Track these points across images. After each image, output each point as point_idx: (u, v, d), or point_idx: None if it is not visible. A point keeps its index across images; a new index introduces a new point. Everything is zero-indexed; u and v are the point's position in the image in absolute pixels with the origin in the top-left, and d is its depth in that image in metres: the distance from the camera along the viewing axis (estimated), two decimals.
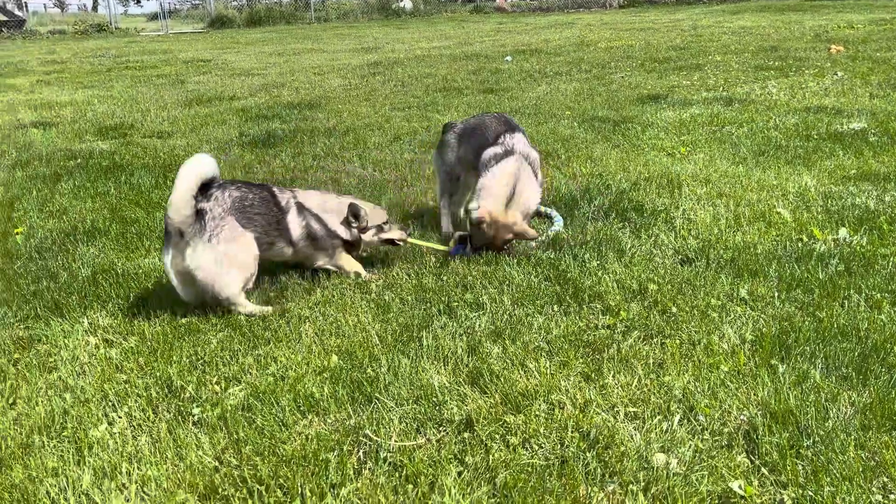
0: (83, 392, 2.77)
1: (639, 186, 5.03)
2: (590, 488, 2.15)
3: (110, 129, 8.32)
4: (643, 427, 2.41)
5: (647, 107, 8.12)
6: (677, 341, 2.93)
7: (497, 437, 2.39)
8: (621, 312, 3.19)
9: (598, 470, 2.21)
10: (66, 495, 2.20)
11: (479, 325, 3.17)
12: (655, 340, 2.97)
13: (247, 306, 3.46)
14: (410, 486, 2.17)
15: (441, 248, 4.12)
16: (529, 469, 2.23)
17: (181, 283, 3.32)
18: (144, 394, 2.74)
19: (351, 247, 3.87)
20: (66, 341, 3.19)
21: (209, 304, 3.41)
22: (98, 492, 2.21)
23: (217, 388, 2.78)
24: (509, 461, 2.26)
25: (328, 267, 3.83)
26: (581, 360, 2.84)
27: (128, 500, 2.18)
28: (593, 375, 2.73)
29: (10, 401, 2.73)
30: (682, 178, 5.16)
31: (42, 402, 2.69)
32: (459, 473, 2.23)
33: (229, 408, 2.61)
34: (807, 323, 3.02)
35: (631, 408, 2.52)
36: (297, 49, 18.42)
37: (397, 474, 2.23)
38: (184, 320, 3.35)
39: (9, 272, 3.98)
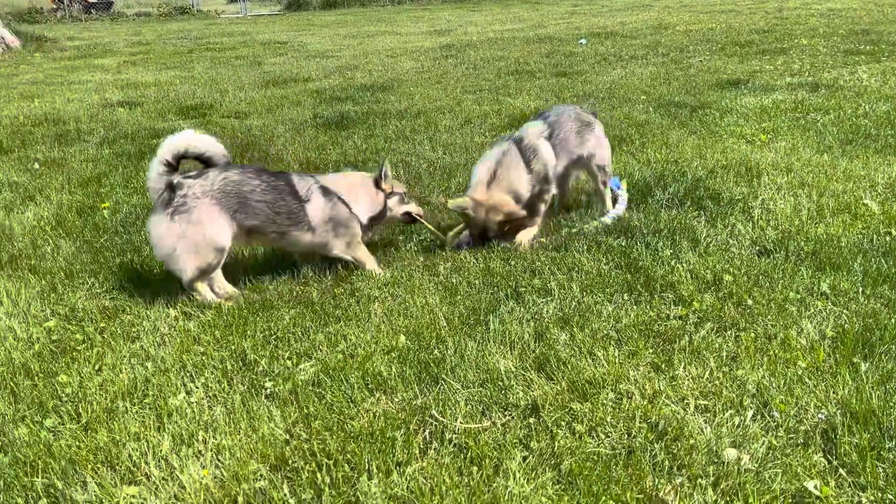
0: (163, 362, 2.89)
1: (716, 174, 4.88)
2: (657, 480, 2.11)
3: (191, 108, 8.58)
4: (714, 421, 2.36)
5: (726, 92, 7.85)
6: (752, 335, 2.85)
7: (563, 423, 2.37)
8: (694, 303, 3.12)
9: (666, 462, 2.18)
10: (147, 459, 2.30)
11: (547, 311, 3.15)
12: (729, 333, 2.89)
13: (203, 294, 3.41)
14: (475, 469, 2.18)
15: (442, 236, 4.08)
16: (595, 457, 2.21)
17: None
18: (220, 366, 2.84)
19: (375, 222, 3.79)
20: (147, 312, 3.33)
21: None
22: (176, 457, 2.31)
23: (289, 363, 2.85)
24: (575, 448, 2.24)
25: (344, 257, 3.69)
26: (651, 351, 2.79)
27: (203, 467, 2.26)
28: (663, 366, 2.68)
29: (97, 367, 2.88)
30: (762, 167, 4.98)
31: (126, 369, 2.83)
32: (524, 458, 2.23)
33: (300, 383, 2.68)
34: (893, 321, 2.88)
35: (701, 400, 2.47)
36: (371, 31, 18.55)
37: (462, 456, 2.25)
38: (257, 296, 3.45)
39: (96, 245, 4.17)
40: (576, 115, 4.28)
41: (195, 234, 3.26)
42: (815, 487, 2.06)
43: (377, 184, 3.79)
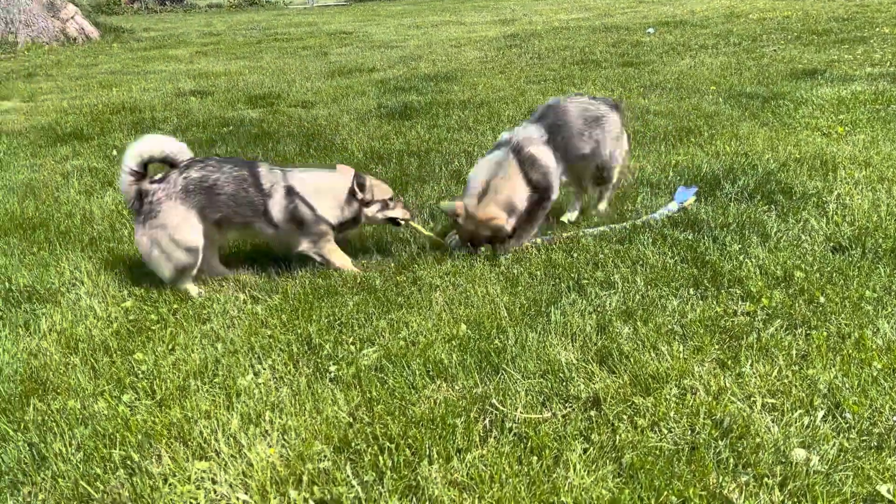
0: (232, 343, 2.99)
1: (788, 167, 4.73)
2: (721, 477, 2.08)
3: (259, 98, 8.78)
4: (782, 420, 2.30)
5: (801, 82, 7.57)
6: (824, 333, 2.76)
7: (625, 417, 2.36)
8: (763, 299, 3.03)
9: (731, 459, 2.14)
10: (217, 436, 2.39)
11: (610, 303, 3.12)
12: (800, 331, 2.80)
13: (189, 290, 3.49)
14: (535, 459, 2.19)
15: (437, 239, 3.95)
16: (657, 452, 2.19)
17: None
18: (287, 349, 2.92)
19: (347, 227, 3.71)
20: (217, 296, 3.44)
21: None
22: (244, 436, 2.39)
23: (352, 348, 2.91)
24: (636, 442, 2.22)
25: (311, 255, 3.65)
26: (717, 347, 2.74)
27: (270, 446, 2.34)
28: (729, 363, 2.62)
29: (170, 346, 2.99)
30: (838, 160, 4.79)
31: (197, 349, 2.93)
32: (585, 450, 2.22)
33: (363, 368, 2.73)
34: None
35: (769, 399, 2.41)
36: (436, 21, 18.59)
37: (522, 445, 2.26)
38: (322, 282, 3.52)
39: None
40: (581, 112, 3.98)
41: (164, 237, 3.33)
42: (889, 491, 1.99)
43: (353, 193, 3.62)
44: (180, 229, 3.36)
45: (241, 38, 16.66)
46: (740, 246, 3.56)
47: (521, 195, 3.75)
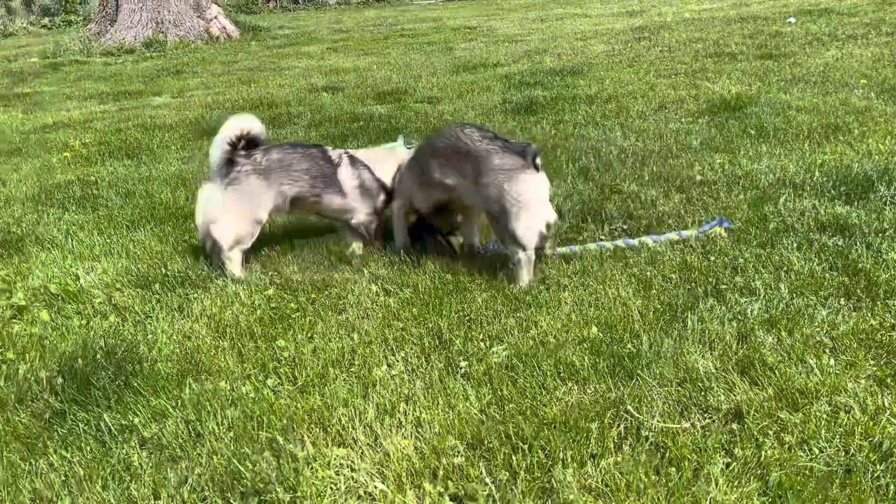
0: (367, 334, 3.09)
1: None
2: None
3: (387, 93, 9.00)
4: None
5: None
6: None
7: (770, 433, 2.24)
8: None
9: (892, 486, 1.99)
10: (354, 424, 2.48)
11: (751, 311, 2.97)
12: None
13: (234, 263, 3.75)
14: (673, 470, 2.12)
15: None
16: (807, 472, 2.07)
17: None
18: (419, 342, 2.98)
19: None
20: (352, 287, 3.56)
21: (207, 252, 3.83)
22: (379, 426, 2.46)
23: (482, 344, 2.93)
24: (784, 460, 2.11)
25: (361, 231, 4.00)
26: (872, 363, 2.56)
27: (404, 438, 2.40)
28: (888, 381, 2.44)
29: (309, 335, 3.13)
30: None
31: (335, 339, 3.05)
32: (727, 465, 2.14)
33: (494, 365, 2.75)
34: None
35: None
36: (560, 14, 18.34)
37: (659, 455, 2.20)
38: (451, 277, 3.57)
39: (307, 222, 4.52)
40: None
41: (237, 204, 3.70)
42: None
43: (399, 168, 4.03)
44: (256, 201, 3.74)
45: (369, 34, 17.11)
46: None
47: None
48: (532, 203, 3.35)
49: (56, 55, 15.43)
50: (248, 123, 3.74)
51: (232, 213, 3.70)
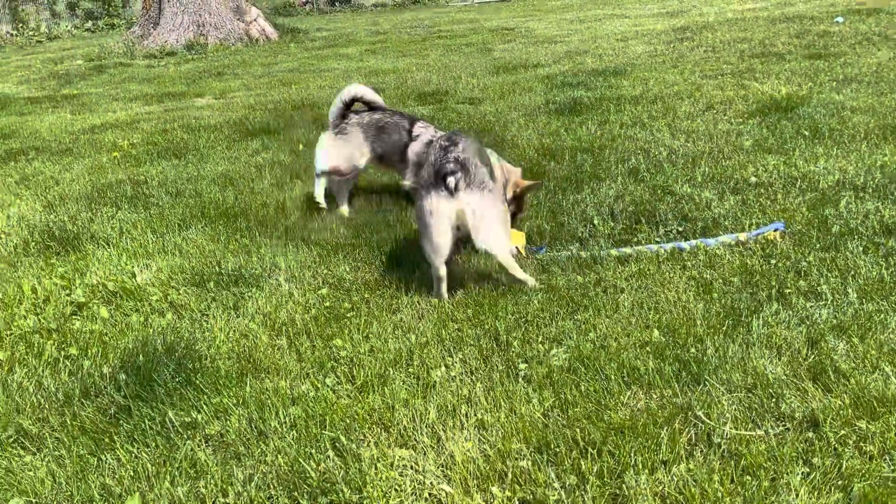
0: (423, 334, 3.07)
1: None
2: None
3: (428, 95, 8.99)
4: None
5: None
6: None
7: (849, 442, 2.17)
8: None
9: None
10: (416, 425, 2.46)
11: (819, 316, 2.89)
12: None
13: (318, 187, 4.69)
14: (749, 479, 2.06)
15: None
16: (892, 483, 1.99)
17: None
18: (476, 344, 2.95)
19: None
20: (405, 287, 3.54)
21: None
22: (441, 427, 2.44)
23: (541, 347, 2.89)
24: (866, 471, 2.04)
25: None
26: None
27: (467, 440, 2.37)
28: None
29: (365, 334, 3.12)
30: None
31: (391, 339, 3.03)
32: (805, 474, 2.07)
33: (555, 368, 2.71)
34: None
35: None
36: (599, 15, 18.19)
37: (733, 463, 2.14)
38: (505, 279, 3.53)
39: (356, 221, 4.53)
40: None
41: (342, 149, 4.66)
42: None
43: None
44: (353, 148, 4.68)
45: (406, 35, 17.16)
46: None
47: None
48: (426, 224, 3.28)
49: (101, 58, 15.74)
50: (360, 90, 4.66)
51: (334, 151, 4.65)
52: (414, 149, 4.57)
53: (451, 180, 3.18)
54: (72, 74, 13.66)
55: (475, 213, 3.22)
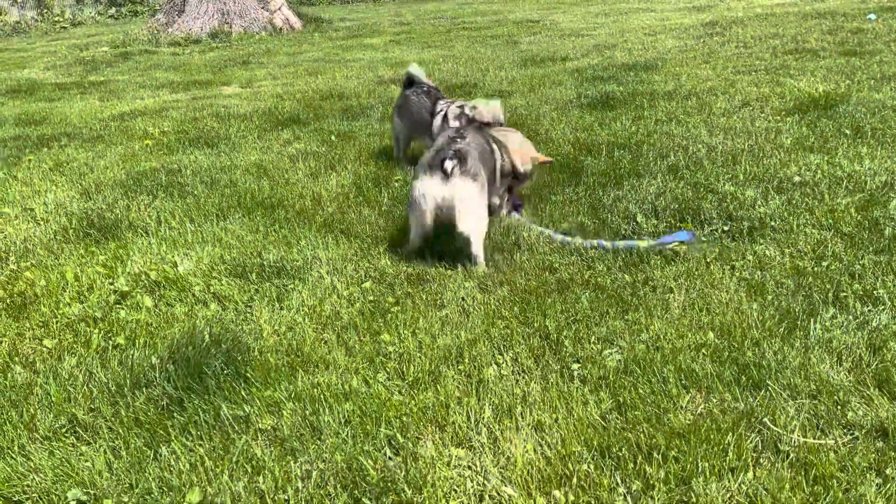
0: (471, 331, 3.03)
1: None
2: None
3: (457, 87, 8.92)
4: None
5: None
6: None
7: None
8: None
9: None
10: (471, 424, 2.43)
11: (879, 321, 2.83)
12: None
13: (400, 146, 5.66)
14: (820, 489, 2.02)
15: None
16: None
17: None
18: (526, 342, 2.91)
19: None
20: (448, 282, 3.51)
21: None
22: (498, 427, 2.40)
23: (594, 347, 2.85)
24: None
25: None
26: None
27: (525, 441, 2.33)
28: None
29: (412, 330, 3.08)
30: None
31: (440, 335, 3.00)
32: (879, 486, 2.02)
33: (610, 369, 2.67)
34: None
35: None
36: (624, 9, 18.00)
37: (804, 472, 2.09)
38: (551, 276, 3.49)
39: (394, 214, 4.49)
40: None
41: (401, 120, 5.58)
42: None
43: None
44: (403, 120, 5.53)
45: (430, 27, 17.06)
46: None
47: None
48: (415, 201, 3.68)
49: (125, 44, 15.77)
50: (415, 71, 5.62)
51: (396, 121, 5.61)
52: (435, 124, 5.13)
53: (448, 164, 3.50)
54: (98, 61, 13.70)
55: (462, 201, 3.56)
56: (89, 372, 2.84)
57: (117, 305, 3.44)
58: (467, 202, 3.57)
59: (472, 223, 3.63)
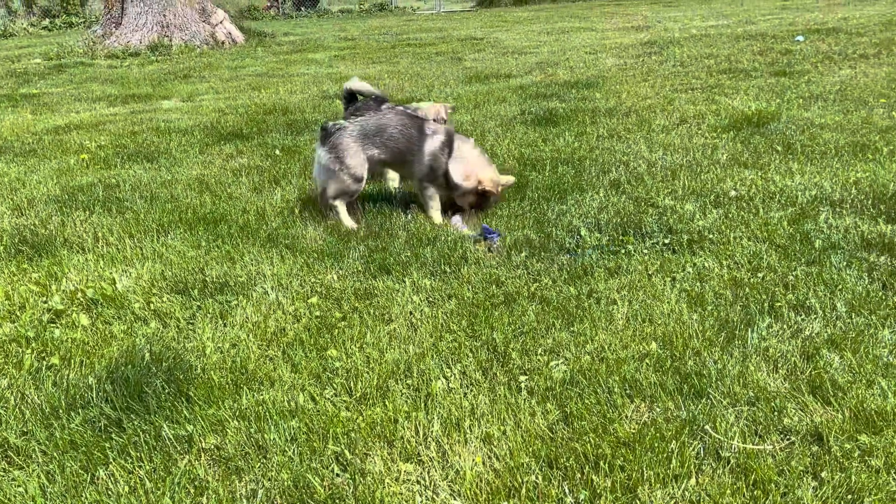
0: (419, 345, 3.02)
1: None
2: None
3: (401, 102, 8.93)
4: None
5: None
6: None
7: (854, 456, 2.20)
8: None
9: None
10: (420, 438, 2.42)
11: (811, 330, 2.94)
12: None
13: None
14: (760, 493, 2.07)
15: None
16: None
17: None
18: (474, 355, 2.92)
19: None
20: (395, 298, 3.50)
21: None
22: (447, 441, 2.40)
23: (540, 359, 2.87)
24: (874, 486, 2.07)
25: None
26: None
27: (474, 454, 2.33)
28: None
29: (360, 345, 3.06)
30: None
31: (388, 350, 2.98)
32: (815, 489, 2.09)
33: (556, 381, 2.69)
34: None
35: None
36: (565, 28, 18.40)
37: (744, 478, 2.15)
38: (497, 289, 3.51)
39: (340, 230, 4.46)
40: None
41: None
42: None
43: None
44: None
45: (375, 42, 17.10)
46: None
47: None
48: None
49: (60, 57, 15.32)
50: (357, 84, 5.77)
51: None
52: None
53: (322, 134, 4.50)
54: (30, 73, 13.26)
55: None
56: (21, 394, 2.73)
57: (51, 324, 3.31)
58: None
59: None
